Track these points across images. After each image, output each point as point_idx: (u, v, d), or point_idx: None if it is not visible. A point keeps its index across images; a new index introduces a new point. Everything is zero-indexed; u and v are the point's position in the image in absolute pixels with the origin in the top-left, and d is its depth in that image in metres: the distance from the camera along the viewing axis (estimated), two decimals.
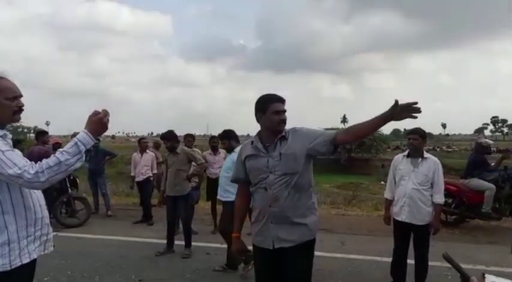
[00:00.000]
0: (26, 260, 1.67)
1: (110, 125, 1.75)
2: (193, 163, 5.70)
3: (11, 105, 1.66)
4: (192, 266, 4.22)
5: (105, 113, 1.72)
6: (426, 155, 3.45)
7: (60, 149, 1.63)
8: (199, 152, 6.08)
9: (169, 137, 4.85)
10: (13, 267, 1.62)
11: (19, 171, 1.51)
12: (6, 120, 1.70)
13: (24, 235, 1.66)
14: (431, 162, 3.39)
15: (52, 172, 1.55)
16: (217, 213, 6.06)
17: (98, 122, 1.70)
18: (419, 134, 3.44)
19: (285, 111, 2.21)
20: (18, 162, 1.54)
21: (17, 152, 1.64)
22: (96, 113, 1.71)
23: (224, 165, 4.24)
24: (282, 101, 2.23)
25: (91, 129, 1.68)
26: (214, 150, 6.03)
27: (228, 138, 4.29)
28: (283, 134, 2.19)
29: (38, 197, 1.76)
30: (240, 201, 2.41)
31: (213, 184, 5.93)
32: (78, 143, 1.63)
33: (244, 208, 2.42)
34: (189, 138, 6.24)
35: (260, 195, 2.23)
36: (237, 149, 3.97)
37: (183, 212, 4.84)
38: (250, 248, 2.39)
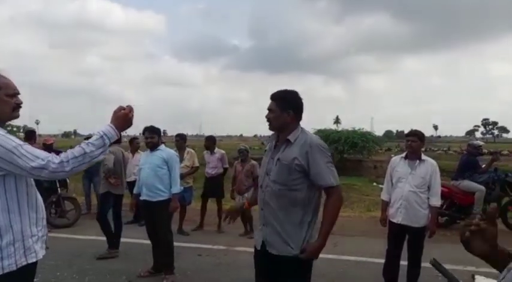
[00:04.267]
0: (32, 260, 1.66)
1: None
2: (185, 164, 5.70)
3: (10, 101, 1.66)
4: (182, 267, 4.18)
5: (130, 109, 1.76)
6: (424, 157, 3.45)
7: (86, 141, 1.66)
8: (193, 151, 6.08)
9: None
10: (19, 266, 1.60)
11: (43, 162, 1.52)
12: (6, 117, 1.70)
13: (28, 234, 1.65)
14: (429, 165, 3.39)
15: (76, 162, 1.58)
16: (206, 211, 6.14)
17: (124, 118, 1.74)
18: (417, 136, 3.43)
19: (268, 109, 2.13)
20: (39, 154, 1.55)
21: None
22: (121, 108, 1.75)
23: (152, 163, 3.94)
24: (270, 97, 2.16)
25: (116, 124, 1.72)
26: (211, 150, 6.11)
27: (158, 134, 4.04)
28: (288, 137, 2.07)
29: (39, 197, 1.76)
30: None
31: (209, 183, 6.08)
32: (104, 136, 1.66)
33: None
34: (177, 138, 5.99)
35: (258, 195, 2.21)
36: (163, 147, 4.06)
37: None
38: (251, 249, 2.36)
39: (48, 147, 6.25)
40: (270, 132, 2.25)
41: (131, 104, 1.78)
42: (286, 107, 2.09)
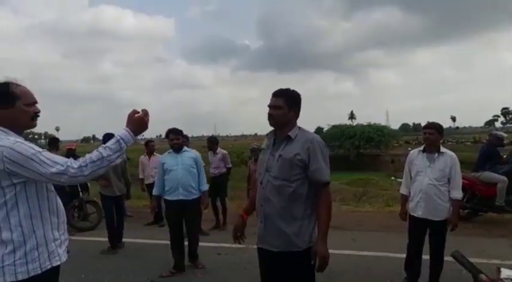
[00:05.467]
0: (56, 263, 1.70)
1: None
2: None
3: (29, 110, 1.70)
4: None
5: (145, 113, 1.78)
6: (443, 149, 3.37)
7: (103, 145, 1.69)
8: (196, 152, 6.17)
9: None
10: (43, 270, 1.64)
11: (62, 168, 1.56)
12: (25, 125, 1.74)
13: (51, 238, 1.69)
14: (448, 157, 3.32)
15: (95, 166, 1.62)
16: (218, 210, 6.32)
17: (139, 121, 1.76)
18: (435, 128, 3.36)
19: (274, 106, 2.14)
20: (58, 160, 1.59)
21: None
22: (135, 112, 1.77)
23: (185, 164, 4.13)
24: (274, 95, 2.18)
25: (132, 128, 1.74)
26: (213, 151, 6.35)
27: (182, 135, 4.29)
28: (289, 134, 2.12)
29: (59, 201, 1.80)
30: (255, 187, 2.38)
31: (213, 183, 6.21)
32: (121, 140, 1.69)
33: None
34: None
35: (258, 191, 2.23)
36: (186, 148, 4.32)
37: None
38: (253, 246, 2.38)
39: (71, 153, 6.40)
40: None
41: (145, 109, 1.79)
42: (293, 104, 2.17)
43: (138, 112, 1.77)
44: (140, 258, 4.68)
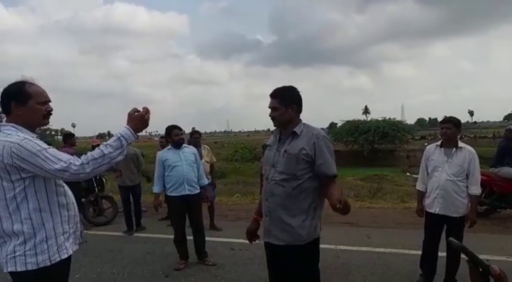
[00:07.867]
0: (64, 256, 1.75)
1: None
2: (206, 160, 5.73)
3: (41, 109, 1.75)
4: (217, 261, 4.26)
5: (146, 111, 1.82)
6: (461, 144, 3.30)
7: (104, 143, 1.73)
8: (208, 148, 6.11)
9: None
10: (53, 262, 1.70)
11: (65, 165, 1.61)
12: (37, 123, 1.79)
13: (60, 232, 1.74)
14: (467, 152, 3.25)
15: (96, 164, 1.67)
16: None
17: (140, 119, 1.80)
18: (453, 123, 3.28)
19: (271, 108, 2.17)
20: (61, 157, 1.64)
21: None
22: (135, 110, 1.81)
23: (189, 160, 4.16)
24: (270, 96, 2.19)
25: (133, 126, 1.78)
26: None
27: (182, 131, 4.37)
28: (295, 130, 2.14)
29: (70, 195, 1.85)
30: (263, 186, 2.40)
31: None
32: (121, 138, 1.73)
33: None
34: (196, 135, 6.02)
35: (264, 186, 2.27)
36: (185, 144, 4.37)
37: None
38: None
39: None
40: None
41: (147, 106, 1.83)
42: (289, 102, 2.17)
43: (139, 110, 1.81)
44: (155, 252, 4.74)
